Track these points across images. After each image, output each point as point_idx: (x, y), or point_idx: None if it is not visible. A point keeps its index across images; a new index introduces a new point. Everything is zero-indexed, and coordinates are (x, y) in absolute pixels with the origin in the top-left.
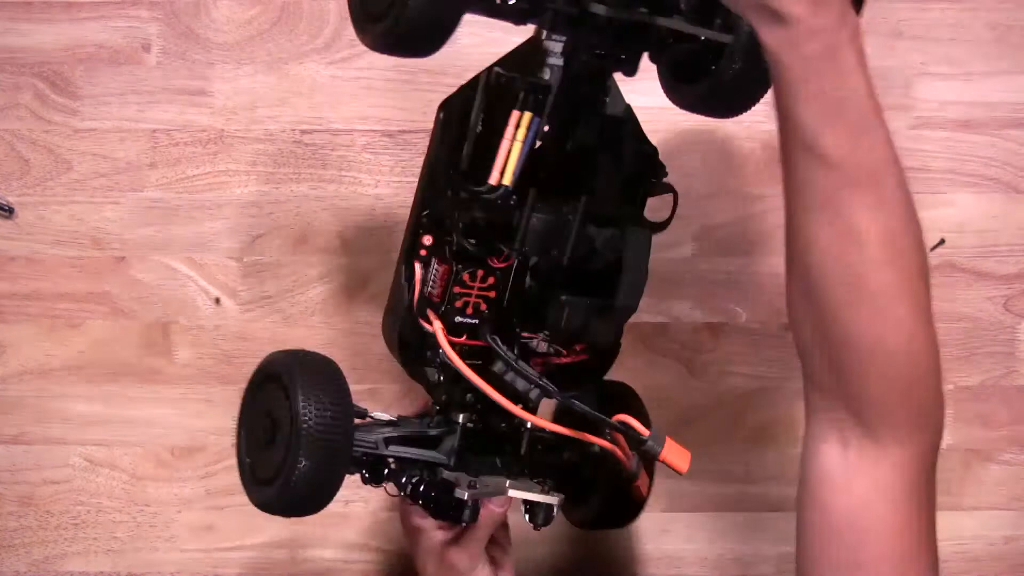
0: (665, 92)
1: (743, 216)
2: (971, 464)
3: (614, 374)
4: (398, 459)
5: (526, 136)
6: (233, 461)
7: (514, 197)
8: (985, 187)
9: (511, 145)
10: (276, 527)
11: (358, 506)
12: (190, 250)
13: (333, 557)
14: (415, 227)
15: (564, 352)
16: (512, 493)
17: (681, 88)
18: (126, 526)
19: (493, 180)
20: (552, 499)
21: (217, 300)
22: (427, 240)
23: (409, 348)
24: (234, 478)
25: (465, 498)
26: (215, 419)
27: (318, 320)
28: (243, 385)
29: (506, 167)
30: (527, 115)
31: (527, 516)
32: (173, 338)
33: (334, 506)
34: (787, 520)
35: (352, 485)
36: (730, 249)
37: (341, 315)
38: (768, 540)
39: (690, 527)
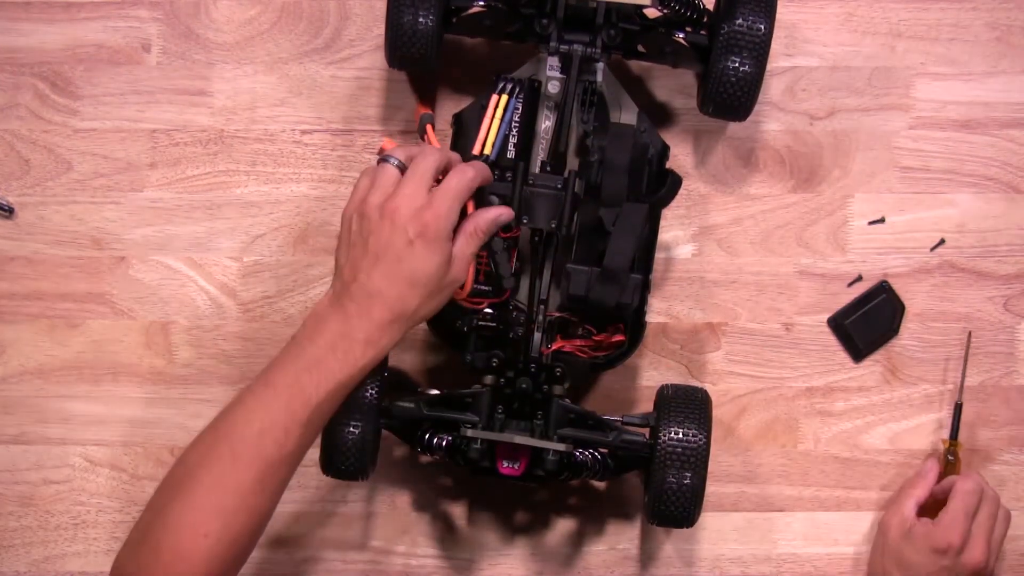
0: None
1: (743, 216)
2: (971, 464)
3: (615, 373)
4: (433, 421)
5: (503, 116)
6: None
7: (508, 174)
8: (985, 187)
9: (491, 123)
10: (276, 527)
11: (358, 506)
12: (190, 250)
13: (333, 557)
14: None
15: (594, 331)
16: (518, 439)
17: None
18: (126, 526)
19: (476, 150)
20: (559, 446)
21: None
22: None
23: (440, 318)
24: None
25: (469, 435)
26: None
27: None
28: (242, 385)
29: (487, 140)
30: (504, 98)
31: (536, 468)
32: (173, 338)
33: (333, 506)
34: (787, 520)
35: (352, 486)
36: (730, 249)
37: None
38: (768, 540)
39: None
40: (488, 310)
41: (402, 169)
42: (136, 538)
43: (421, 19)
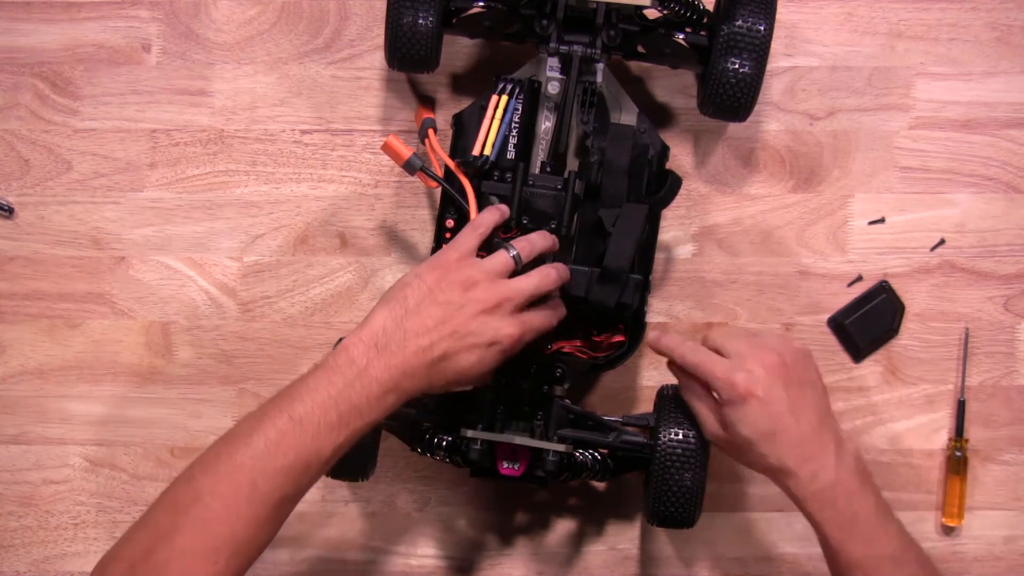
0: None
1: (743, 216)
2: (971, 464)
3: (615, 373)
4: (433, 422)
5: (503, 116)
6: None
7: (508, 175)
8: (985, 187)
9: (491, 124)
10: None
11: (357, 506)
12: (190, 250)
13: (332, 557)
14: (441, 214)
15: (594, 331)
16: (517, 440)
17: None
18: (126, 526)
19: (476, 151)
20: (558, 446)
21: None
22: (450, 223)
23: None
24: None
25: (469, 436)
26: (215, 419)
27: (318, 320)
28: (243, 385)
29: (487, 141)
30: (504, 99)
31: (536, 469)
32: (173, 338)
33: (333, 506)
34: (787, 520)
35: (352, 486)
36: (730, 249)
37: (341, 315)
38: (768, 540)
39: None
40: None
41: (517, 263)
42: (135, 555)
43: (421, 20)
